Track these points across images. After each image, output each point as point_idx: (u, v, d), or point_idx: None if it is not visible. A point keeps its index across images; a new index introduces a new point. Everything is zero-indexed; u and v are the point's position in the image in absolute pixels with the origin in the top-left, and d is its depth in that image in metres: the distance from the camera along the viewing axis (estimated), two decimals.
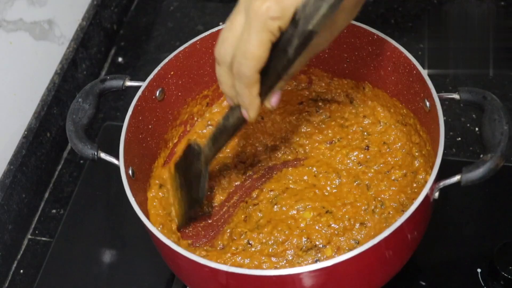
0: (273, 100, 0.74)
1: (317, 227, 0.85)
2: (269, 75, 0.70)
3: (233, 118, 0.79)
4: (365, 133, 0.94)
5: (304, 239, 0.84)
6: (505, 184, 0.94)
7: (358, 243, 0.83)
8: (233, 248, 0.85)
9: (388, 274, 0.81)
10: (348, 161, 0.92)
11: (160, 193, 0.90)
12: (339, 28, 0.72)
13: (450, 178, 0.75)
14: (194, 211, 0.89)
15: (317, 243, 0.84)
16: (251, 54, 0.67)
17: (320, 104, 0.97)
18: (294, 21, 0.65)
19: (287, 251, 0.84)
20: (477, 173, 0.74)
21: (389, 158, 0.90)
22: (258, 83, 0.70)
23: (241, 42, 0.67)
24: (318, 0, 0.63)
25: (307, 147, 0.94)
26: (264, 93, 0.72)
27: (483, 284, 0.87)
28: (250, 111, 0.74)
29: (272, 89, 0.73)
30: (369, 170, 0.90)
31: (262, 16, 0.65)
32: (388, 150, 0.91)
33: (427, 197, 0.73)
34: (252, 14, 0.66)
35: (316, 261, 0.83)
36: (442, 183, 0.75)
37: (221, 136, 0.82)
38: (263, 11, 0.65)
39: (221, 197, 0.92)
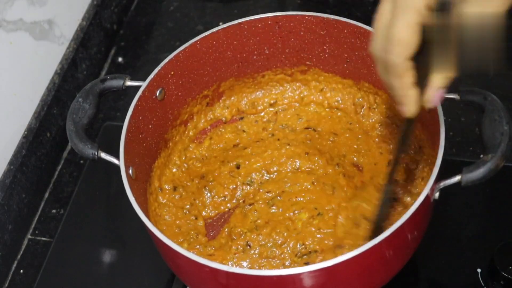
0: (433, 98, 0.67)
1: (313, 229, 0.85)
2: (422, 64, 0.63)
3: (403, 125, 0.73)
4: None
5: (299, 245, 0.84)
6: (505, 184, 0.94)
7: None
8: (233, 247, 0.85)
9: (388, 274, 0.81)
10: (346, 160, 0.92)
11: (176, 196, 0.90)
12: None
13: (451, 178, 0.75)
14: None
15: (315, 247, 0.84)
16: (398, 39, 0.62)
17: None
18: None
19: (284, 254, 0.84)
20: (478, 173, 0.74)
21: None
22: (410, 71, 0.64)
23: (388, 29, 0.63)
24: None
25: None
26: (421, 85, 0.65)
27: (483, 284, 0.87)
28: (406, 105, 0.67)
29: (429, 83, 0.65)
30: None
31: None
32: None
33: (427, 197, 0.73)
34: None
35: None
36: (443, 183, 0.75)
37: (400, 148, 0.77)
38: None
39: (222, 198, 0.92)
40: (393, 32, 0.62)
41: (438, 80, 0.66)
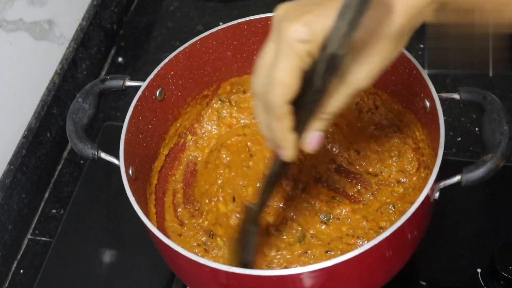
0: (311, 142, 0.66)
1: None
2: (302, 109, 0.63)
3: (275, 167, 0.73)
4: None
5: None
6: (505, 184, 0.94)
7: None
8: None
9: (388, 274, 0.81)
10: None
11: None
12: (381, 60, 0.63)
13: (451, 178, 0.75)
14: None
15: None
16: (278, 81, 0.61)
17: None
18: (323, 47, 0.59)
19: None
20: (478, 173, 0.74)
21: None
22: (290, 115, 0.63)
23: (271, 69, 0.62)
24: (338, 20, 0.57)
25: None
26: (300, 130, 0.65)
27: (483, 284, 0.87)
28: (285, 149, 0.66)
29: (307, 128, 0.65)
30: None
31: (290, 39, 0.59)
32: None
33: (427, 197, 0.73)
34: (280, 37, 0.60)
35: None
36: (443, 183, 0.75)
37: (266, 188, 0.77)
38: (291, 33, 0.59)
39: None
40: (275, 74, 0.61)
41: (317, 124, 0.65)
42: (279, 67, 0.61)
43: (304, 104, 0.63)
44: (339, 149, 0.92)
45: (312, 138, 0.66)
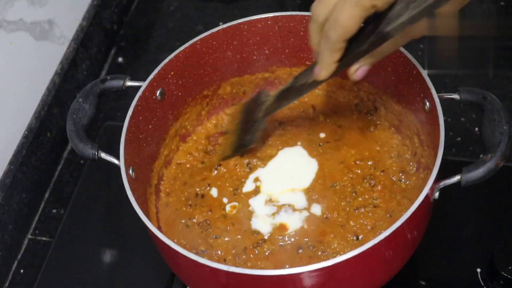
0: (359, 72, 0.75)
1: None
2: (353, 48, 0.71)
3: (304, 79, 0.80)
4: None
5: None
6: (505, 184, 0.94)
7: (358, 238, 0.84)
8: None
9: (388, 274, 0.81)
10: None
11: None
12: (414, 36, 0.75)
13: (450, 178, 0.75)
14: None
15: None
16: (341, 24, 0.68)
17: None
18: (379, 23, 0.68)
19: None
20: (477, 173, 0.74)
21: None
22: (342, 50, 0.71)
23: (336, 8, 0.69)
24: (404, 7, 0.66)
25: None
26: (345, 61, 0.73)
27: (483, 284, 0.87)
28: (323, 71, 0.75)
29: (356, 61, 0.74)
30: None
31: None
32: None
33: (427, 197, 0.73)
34: None
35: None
36: (442, 183, 0.75)
37: (286, 94, 0.84)
38: None
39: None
40: (339, 16, 0.68)
41: (368, 60, 0.74)
42: (344, 12, 0.68)
43: (355, 44, 0.71)
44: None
45: (361, 70, 0.75)
